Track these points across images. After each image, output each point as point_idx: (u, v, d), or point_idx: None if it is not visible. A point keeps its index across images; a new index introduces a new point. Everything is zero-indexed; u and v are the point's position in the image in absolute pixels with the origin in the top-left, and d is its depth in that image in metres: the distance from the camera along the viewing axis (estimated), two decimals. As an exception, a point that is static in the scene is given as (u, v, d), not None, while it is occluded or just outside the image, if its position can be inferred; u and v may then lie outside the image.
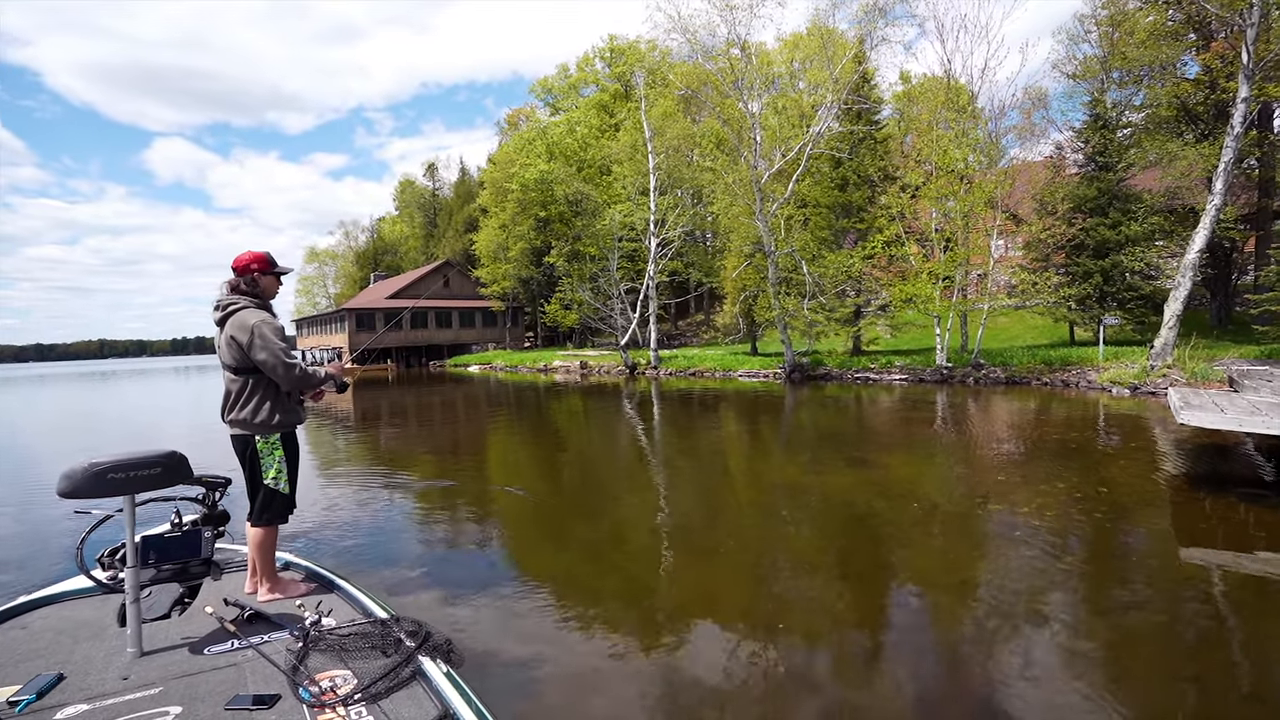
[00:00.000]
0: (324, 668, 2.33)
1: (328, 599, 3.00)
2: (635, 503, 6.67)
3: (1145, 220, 18.10)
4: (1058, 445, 8.48)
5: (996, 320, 23.64)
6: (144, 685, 2.27)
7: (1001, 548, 4.71)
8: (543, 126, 41.15)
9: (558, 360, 31.64)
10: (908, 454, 8.65)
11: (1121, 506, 5.63)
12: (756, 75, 20.43)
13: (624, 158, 29.43)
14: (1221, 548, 4.58)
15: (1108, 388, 13.33)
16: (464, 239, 50.13)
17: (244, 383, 3.03)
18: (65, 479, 2.34)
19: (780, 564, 4.66)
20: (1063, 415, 11.04)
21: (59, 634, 2.73)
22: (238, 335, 2.97)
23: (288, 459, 3.13)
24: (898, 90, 32.05)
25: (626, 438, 11.14)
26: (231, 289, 3.12)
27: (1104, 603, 3.82)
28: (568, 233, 33.83)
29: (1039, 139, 20.07)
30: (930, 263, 17.12)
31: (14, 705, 2.11)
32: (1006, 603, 3.77)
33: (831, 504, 6.19)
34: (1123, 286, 18.25)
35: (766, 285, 19.99)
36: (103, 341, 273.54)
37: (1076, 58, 21.54)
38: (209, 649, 2.55)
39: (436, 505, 6.82)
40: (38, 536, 5.86)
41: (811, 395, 15.63)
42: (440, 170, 65.43)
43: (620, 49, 44.04)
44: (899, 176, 18.83)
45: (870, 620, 3.69)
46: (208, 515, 3.27)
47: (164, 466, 2.47)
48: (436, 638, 2.51)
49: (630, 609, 3.92)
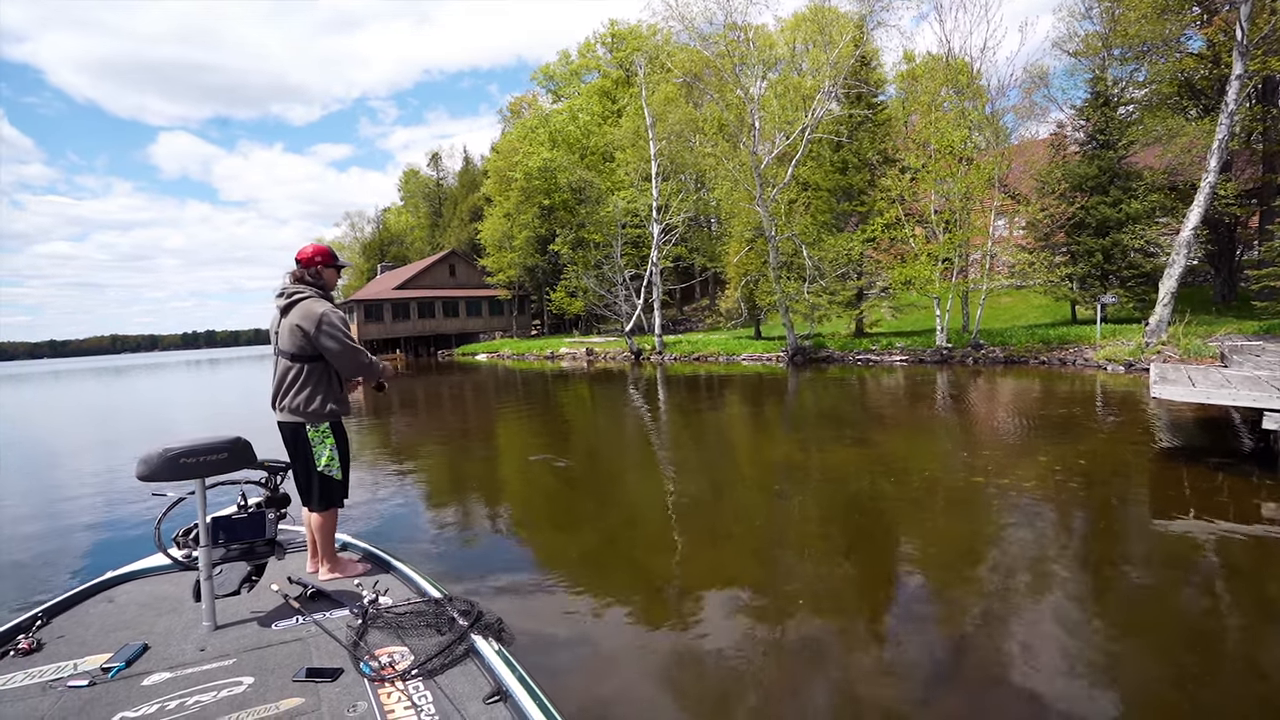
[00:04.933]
0: (382, 644, 2.44)
1: (384, 578, 3.13)
2: (653, 484, 7.02)
3: (1145, 198, 18.11)
4: (1049, 422, 8.74)
5: (1000, 300, 23.74)
6: (219, 656, 2.45)
7: (998, 521, 4.98)
8: (545, 114, 41.17)
9: (564, 348, 31.97)
10: (904, 433, 8.94)
11: (1102, 478, 5.92)
12: (756, 59, 20.48)
13: (626, 144, 29.53)
14: (1197, 516, 4.84)
15: (1104, 365, 13.53)
16: (469, 228, 50.40)
17: (300, 370, 3.11)
18: (143, 464, 2.52)
19: (794, 542, 4.97)
20: (1057, 392, 11.27)
21: (142, 608, 2.96)
22: (303, 323, 3.07)
23: (338, 446, 3.23)
24: (901, 70, 31.98)
25: (632, 422, 11.48)
26: (296, 279, 3.22)
27: (1094, 570, 4.11)
28: (572, 220, 34.01)
29: (1040, 118, 20.05)
30: (930, 245, 17.27)
31: (107, 671, 2.34)
32: (1007, 576, 3.98)
33: (833, 482, 6.50)
34: (1123, 264, 18.32)
35: (768, 270, 20.19)
36: (114, 337, 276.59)
37: (1078, 35, 21.41)
38: (276, 624, 2.71)
39: (471, 487, 7.20)
40: (120, 517, 6.32)
41: (813, 378, 15.90)
42: (444, 159, 65.59)
43: (621, 34, 43.88)
44: (899, 159, 18.90)
45: (878, 594, 3.94)
46: (271, 498, 3.43)
47: (230, 452, 2.64)
48: (488, 617, 2.58)
49: (666, 587, 4.15)
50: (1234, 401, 5.39)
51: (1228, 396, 5.44)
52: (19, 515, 6.67)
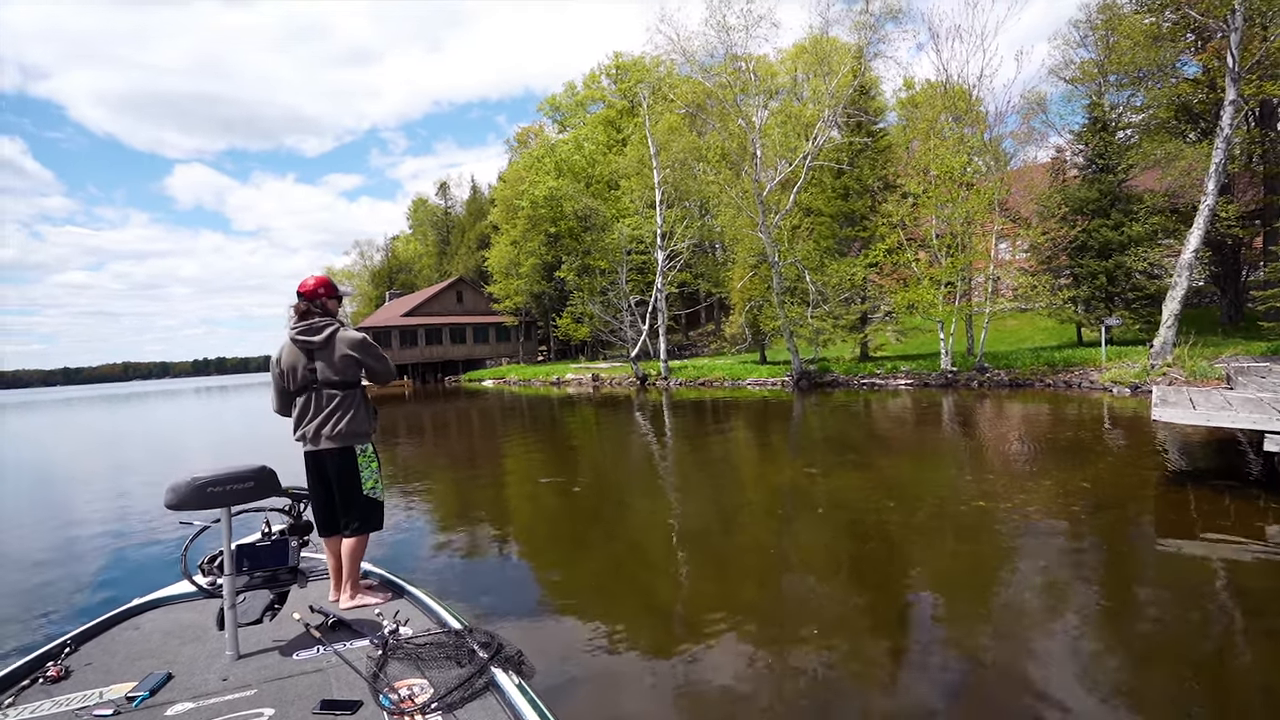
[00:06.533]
0: (402, 676, 2.42)
1: (403, 608, 3.13)
2: (660, 510, 7.06)
3: (1147, 221, 18.24)
4: (1055, 445, 8.74)
5: (1005, 322, 23.75)
6: (241, 687, 2.45)
7: (1004, 547, 4.98)
8: (551, 144, 41.92)
9: (570, 373, 32.11)
10: (909, 457, 8.95)
11: (1108, 502, 5.92)
12: (757, 88, 20.92)
13: (631, 172, 30.00)
14: (1200, 538, 4.83)
15: (1109, 388, 13.50)
16: (476, 255, 51.02)
17: (346, 396, 3.17)
18: (171, 492, 2.55)
19: (801, 569, 4.99)
20: (1063, 416, 11.25)
21: (167, 635, 2.98)
22: (353, 350, 3.15)
23: (379, 469, 3.29)
24: (901, 96, 32.50)
25: (638, 448, 11.52)
26: (301, 313, 3.21)
27: (1101, 594, 4.10)
28: (577, 247, 34.40)
29: (1039, 143, 20.30)
30: (932, 269, 17.40)
31: (131, 701, 2.35)
32: (1015, 602, 3.97)
33: (839, 507, 6.50)
34: (1127, 287, 18.38)
35: (772, 295, 20.33)
36: (126, 364, 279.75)
37: (1073, 62, 21.79)
38: (297, 654, 2.71)
39: (481, 512, 7.25)
40: (151, 547, 6.30)
41: (818, 402, 15.92)
42: (452, 188, 66.65)
43: (625, 66, 44.84)
44: (900, 185, 19.15)
45: (886, 622, 3.92)
46: (294, 525, 3.44)
47: (256, 481, 2.68)
48: (508, 649, 2.55)
49: (676, 616, 4.17)
50: (1234, 424, 5.41)
51: (1228, 419, 5.46)
52: (42, 540, 6.76)
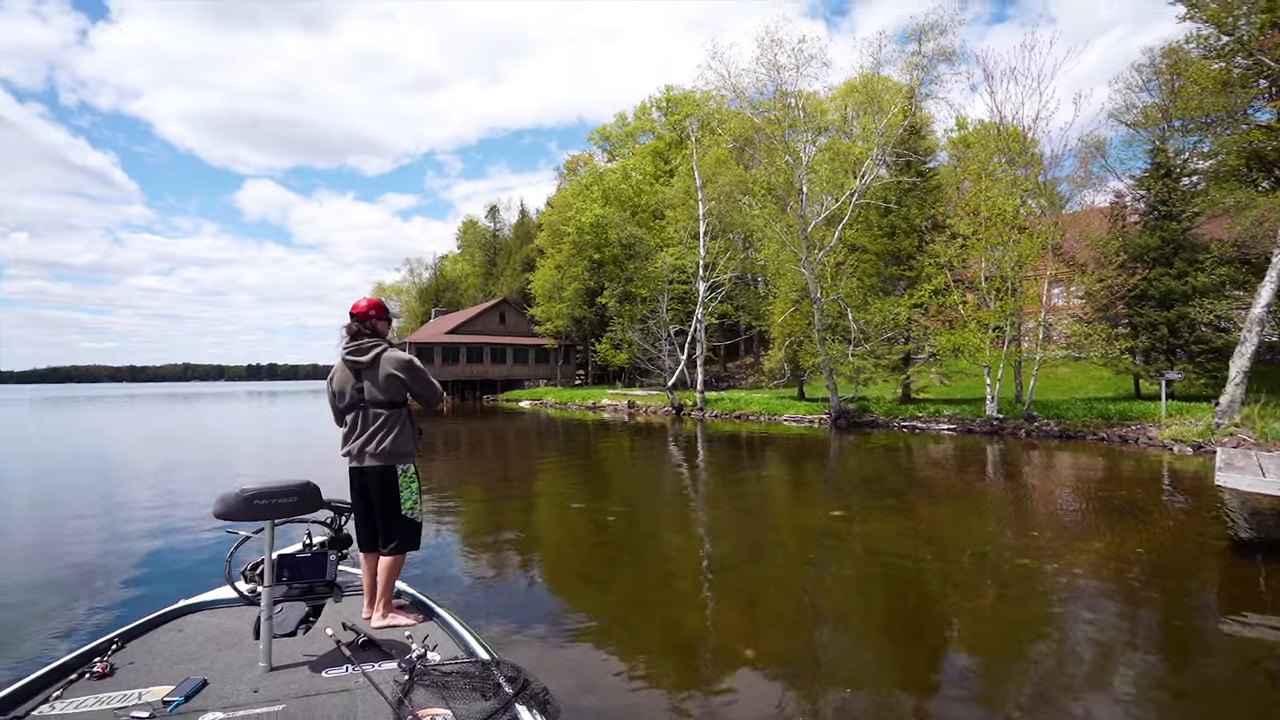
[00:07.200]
0: (426, 704, 2.40)
1: (433, 631, 3.14)
2: (690, 543, 6.95)
3: (1214, 271, 17.40)
4: (1108, 504, 8.28)
5: (1057, 370, 22.87)
6: (270, 701, 2.47)
7: (1047, 611, 4.68)
8: (600, 172, 42.81)
9: (606, 398, 32.19)
10: (950, 506, 8.61)
11: (1165, 570, 5.55)
12: (806, 124, 20.98)
13: (677, 203, 30.35)
14: (1272, 619, 4.45)
15: (1169, 445, 12.78)
16: (521, 278, 52.06)
17: (392, 416, 3.26)
18: (220, 502, 2.65)
19: (831, 615, 4.83)
20: (1117, 472, 10.69)
21: (206, 640, 3.03)
22: (399, 371, 3.23)
23: (420, 490, 3.35)
24: (953, 135, 32.11)
25: (671, 478, 11.41)
26: (354, 334, 3.32)
27: (1154, 670, 3.83)
28: (620, 274, 34.79)
29: (1097, 187, 19.71)
30: (980, 312, 16.92)
31: (167, 705, 2.38)
32: (1057, 672, 3.72)
33: (874, 554, 6.26)
34: (1191, 339, 17.50)
35: (813, 331, 20.08)
36: (186, 365, 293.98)
37: (1135, 106, 21.22)
38: (327, 671, 2.71)
39: (512, 533, 7.27)
40: (197, 549, 6.50)
41: (856, 442, 15.53)
42: (501, 212, 68.49)
43: (676, 99, 45.70)
44: (948, 225, 18.80)
45: (916, 679, 3.73)
46: (334, 538, 3.46)
47: (300, 496, 2.77)
48: (534, 686, 2.50)
49: (701, 654, 4.09)
50: (1310, 495, 5.03)
51: (1303, 490, 5.08)
52: (103, 533, 7.06)
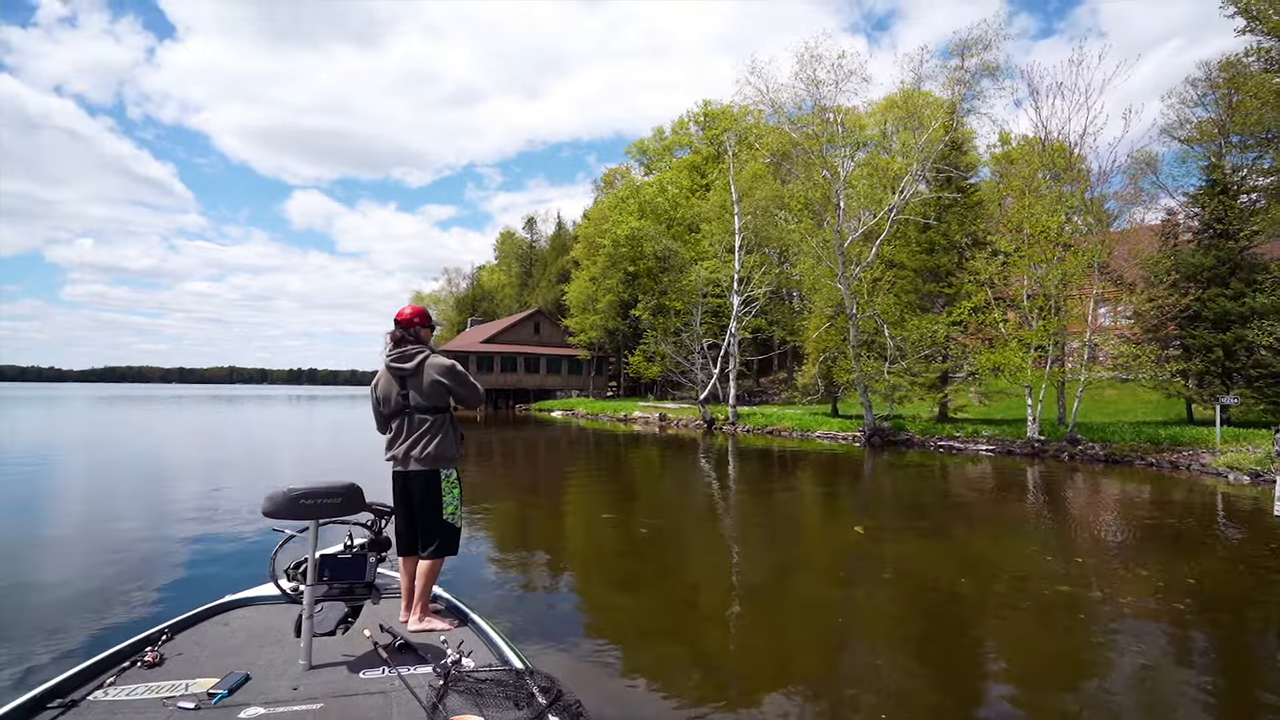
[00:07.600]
0: (460, 710, 2.40)
1: (468, 638, 3.16)
2: (719, 559, 6.98)
3: (1274, 292, 16.71)
4: (1156, 532, 8.01)
5: (1103, 392, 22.13)
6: (309, 699, 2.51)
7: (1089, 641, 4.57)
8: (636, 186, 43.22)
9: (638, 411, 32.29)
10: (988, 530, 8.44)
11: (1218, 602, 5.36)
12: (844, 139, 20.89)
13: (712, 216, 30.42)
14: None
15: (1224, 473, 12.26)
16: (556, 289, 52.68)
17: (436, 421, 3.33)
18: (268, 500, 2.75)
19: (861, 637, 4.81)
20: (1167, 499, 10.31)
21: (251, 635, 3.13)
22: (443, 377, 3.30)
23: (461, 495, 3.42)
24: (996, 151, 31.51)
25: (701, 492, 11.41)
26: (397, 341, 3.37)
27: (1210, 711, 3.73)
28: (654, 287, 34.95)
29: (1148, 204, 19.13)
30: (1021, 330, 16.54)
31: (211, 697, 2.46)
32: (1104, 703, 3.61)
33: (907, 576, 6.20)
34: (1249, 362, 16.80)
35: (848, 347, 19.86)
36: (232, 368, 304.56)
37: (1189, 121, 20.58)
38: (364, 672, 2.76)
39: (542, 542, 7.41)
40: (243, 546, 6.71)
41: (891, 461, 15.28)
42: (539, 223, 69.53)
43: (714, 114, 45.93)
44: (989, 242, 18.46)
45: (949, 709, 3.67)
46: (374, 540, 3.50)
47: (344, 497, 2.85)
48: (568, 697, 2.48)
49: (726, 671, 4.13)
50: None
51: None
52: (154, 531, 7.42)
